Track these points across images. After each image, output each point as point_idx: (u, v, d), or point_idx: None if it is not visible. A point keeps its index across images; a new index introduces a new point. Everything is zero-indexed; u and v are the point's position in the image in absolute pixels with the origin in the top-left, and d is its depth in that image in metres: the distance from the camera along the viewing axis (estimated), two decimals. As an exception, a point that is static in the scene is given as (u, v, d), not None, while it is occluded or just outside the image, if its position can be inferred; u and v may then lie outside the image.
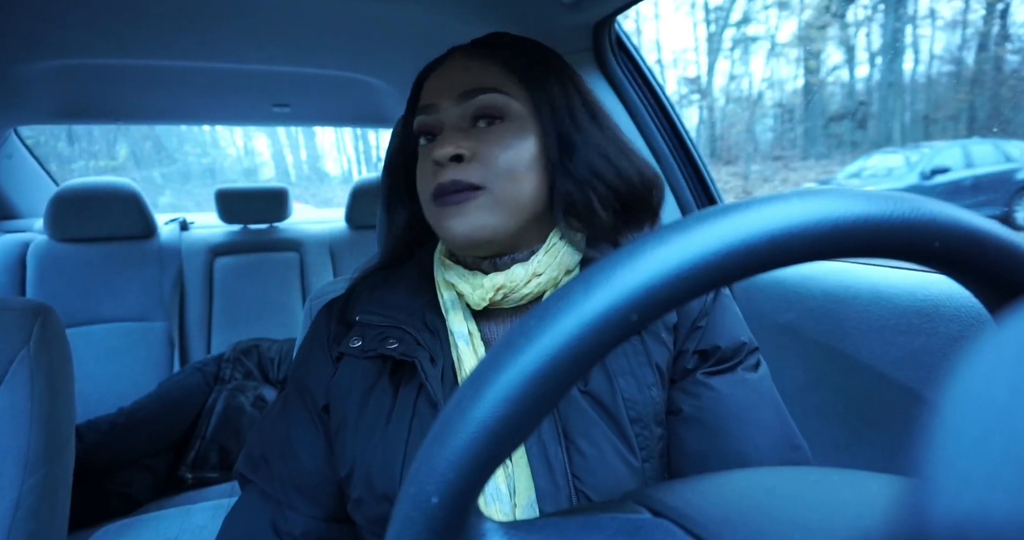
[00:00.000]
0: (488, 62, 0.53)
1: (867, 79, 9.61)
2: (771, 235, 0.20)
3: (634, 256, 0.21)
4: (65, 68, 1.22)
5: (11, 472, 0.68)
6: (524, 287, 0.51)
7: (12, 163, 1.92)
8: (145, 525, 1.13)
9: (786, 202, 0.21)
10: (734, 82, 11.23)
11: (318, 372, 0.56)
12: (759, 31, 11.37)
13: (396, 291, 0.57)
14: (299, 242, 2.07)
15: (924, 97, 8.59)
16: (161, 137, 9.43)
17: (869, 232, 0.21)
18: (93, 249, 1.77)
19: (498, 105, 0.51)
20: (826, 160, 8.78)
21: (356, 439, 0.51)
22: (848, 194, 0.21)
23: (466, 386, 0.21)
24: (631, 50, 1.08)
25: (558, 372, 0.20)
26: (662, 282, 0.20)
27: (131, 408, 1.44)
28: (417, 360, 0.50)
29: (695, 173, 1.11)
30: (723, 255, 0.20)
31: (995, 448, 0.14)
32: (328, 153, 12.68)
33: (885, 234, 0.21)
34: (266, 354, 1.66)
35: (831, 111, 9.51)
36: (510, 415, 0.20)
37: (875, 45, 9.49)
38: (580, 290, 0.21)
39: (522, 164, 0.51)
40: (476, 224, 0.49)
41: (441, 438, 0.20)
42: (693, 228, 0.21)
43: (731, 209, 0.21)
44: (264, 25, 1.06)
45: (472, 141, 0.51)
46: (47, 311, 0.76)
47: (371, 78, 1.43)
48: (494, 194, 0.50)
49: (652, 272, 0.20)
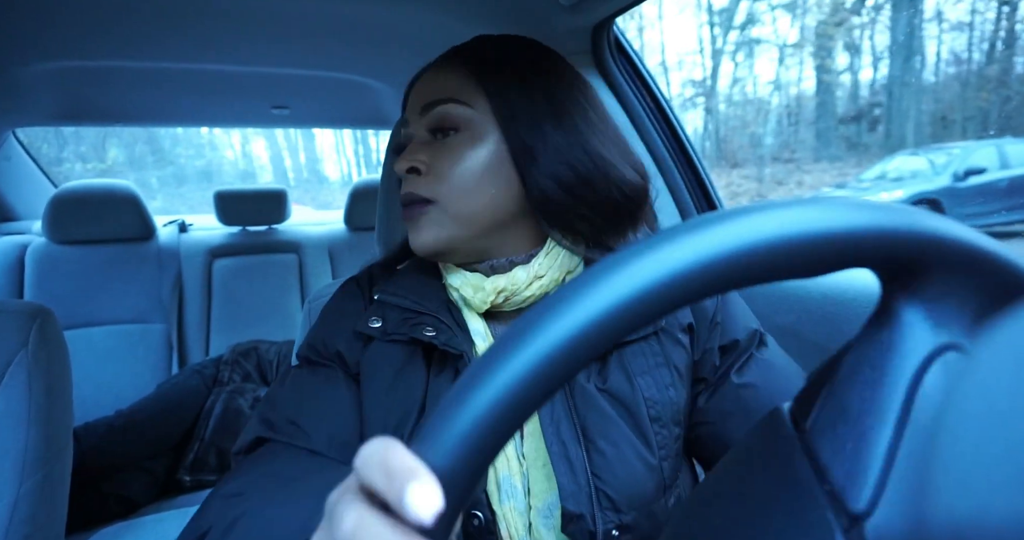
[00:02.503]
0: (452, 71, 0.53)
1: (878, 80, 9.40)
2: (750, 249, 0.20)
3: (615, 270, 0.21)
4: (63, 70, 1.22)
5: (8, 474, 0.68)
6: (526, 289, 0.52)
7: (10, 165, 1.92)
8: (143, 528, 1.13)
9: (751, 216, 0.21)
10: (739, 84, 11.08)
11: (349, 342, 0.55)
12: (765, 33, 11.21)
13: (413, 280, 0.57)
14: (298, 244, 2.07)
15: (939, 98, 8.34)
16: (157, 139, 9.37)
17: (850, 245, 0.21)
18: (91, 251, 1.77)
19: (452, 116, 0.52)
20: (840, 162, 8.61)
21: (388, 424, 0.50)
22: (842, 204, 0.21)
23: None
24: (630, 53, 1.08)
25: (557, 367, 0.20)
26: (658, 287, 0.20)
27: (129, 410, 1.43)
28: (464, 353, 0.50)
29: (694, 176, 1.11)
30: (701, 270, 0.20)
31: (994, 450, 0.14)
32: (328, 156, 12.65)
33: (871, 246, 0.21)
34: (265, 356, 1.65)
35: (843, 113, 9.32)
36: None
37: (885, 45, 9.29)
38: (548, 313, 0.21)
39: (474, 175, 0.51)
40: (429, 237, 0.51)
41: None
42: (695, 234, 0.20)
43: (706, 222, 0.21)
44: (263, 27, 1.06)
45: (427, 154, 0.52)
46: (45, 313, 0.76)
47: (370, 80, 1.43)
48: (444, 207, 0.51)
49: (633, 287, 0.20)
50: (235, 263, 1.99)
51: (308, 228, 2.15)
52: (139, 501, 1.34)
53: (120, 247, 1.81)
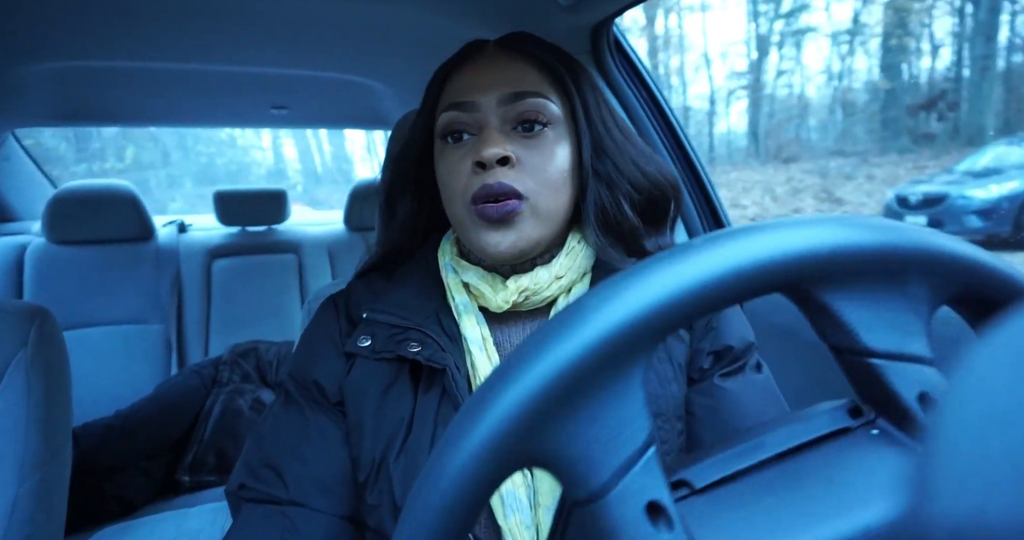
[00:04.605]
0: (525, 64, 0.52)
1: (939, 69, 8.54)
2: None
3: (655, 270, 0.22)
4: (63, 70, 1.22)
5: (7, 475, 0.68)
6: (546, 289, 0.51)
7: (10, 165, 1.92)
8: (142, 528, 1.12)
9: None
10: (787, 75, 10.35)
11: (328, 368, 0.53)
12: (816, 20, 10.36)
13: (404, 291, 0.55)
14: (297, 244, 2.07)
15: (1012, 85, 7.59)
16: (185, 138, 9.26)
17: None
18: (91, 251, 1.77)
19: (541, 111, 0.50)
20: (911, 154, 7.81)
21: (376, 446, 0.49)
22: None
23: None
24: (629, 53, 1.08)
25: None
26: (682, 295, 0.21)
27: (128, 411, 1.43)
28: (447, 367, 0.48)
29: (694, 178, 1.11)
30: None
31: (993, 450, 0.14)
32: (357, 156, 12.54)
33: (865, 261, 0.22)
34: (264, 356, 1.65)
35: (910, 101, 8.57)
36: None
37: (948, 30, 8.43)
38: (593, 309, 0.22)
39: (563, 174, 0.50)
40: (522, 238, 0.49)
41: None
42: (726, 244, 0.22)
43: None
44: (263, 28, 1.06)
45: (515, 146, 0.49)
46: (44, 314, 0.76)
47: (369, 80, 1.43)
48: (537, 205, 0.49)
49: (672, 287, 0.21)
50: (234, 263, 1.99)
51: (308, 228, 2.15)
52: (138, 502, 1.33)
53: (119, 247, 1.81)
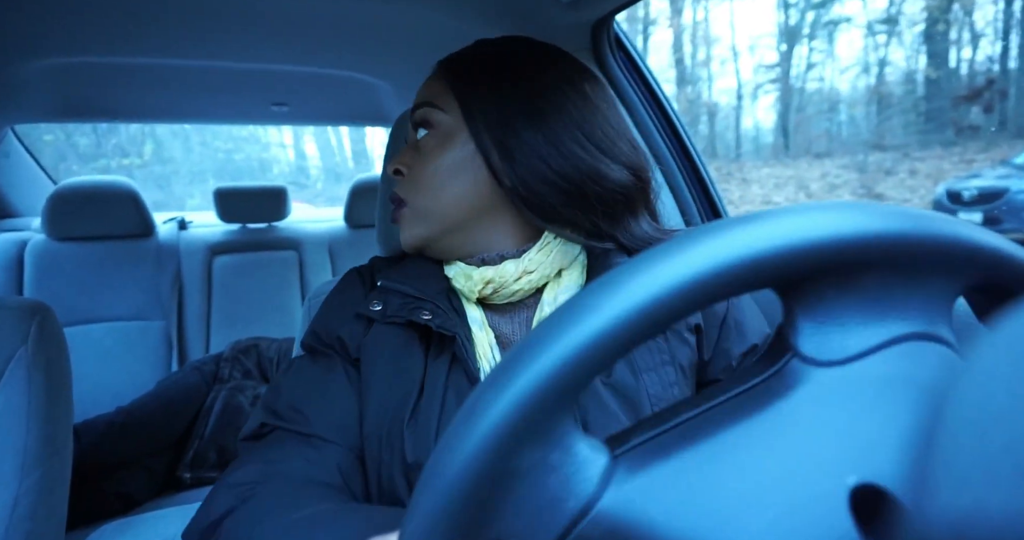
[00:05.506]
0: (435, 77, 0.57)
1: (978, 61, 8.05)
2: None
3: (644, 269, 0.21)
4: (63, 66, 1.22)
5: (8, 471, 0.68)
6: (514, 283, 0.53)
7: (9, 162, 1.92)
8: (143, 525, 1.13)
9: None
10: (817, 68, 9.85)
11: (351, 327, 0.57)
12: (849, 11, 9.92)
13: (416, 270, 0.59)
14: (298, 241, 2.07)
15: None
16: (204, 134, 9.19)
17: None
18: (91, 248, 1.76)
19: (427, 119, 0.56)
20: (956, 147, 7.40)
21: (387, 406, 0.52)
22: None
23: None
24: (630, 49, 1.08)
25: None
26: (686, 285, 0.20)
27: (129, 408, 1.43)
28: (458, 335, 0.51)
29: (694, 173, 1.11)
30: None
31: (993, 448, 0.14)
32: (378, 153, 12.57)
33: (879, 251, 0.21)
34: (265, 353, 1.65)
35: (952, 93, 8.16)
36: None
37: (987, 21, 7.99)
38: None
39: (438, 175, 0.54)
40: (405, 235, 0.57)
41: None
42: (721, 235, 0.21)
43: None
44: (263, 24, 1.06)
45: (410, 157, 0.57)
46: (45, 310, 0.76)
47: (369, 77, 1.43)
48: (416, 207, 0.56)
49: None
50: (235, 260, 1.99)
51: (308, 225, 2.15)
52: (139, 498, 1.34)
53: (119, 244, 1.81)
